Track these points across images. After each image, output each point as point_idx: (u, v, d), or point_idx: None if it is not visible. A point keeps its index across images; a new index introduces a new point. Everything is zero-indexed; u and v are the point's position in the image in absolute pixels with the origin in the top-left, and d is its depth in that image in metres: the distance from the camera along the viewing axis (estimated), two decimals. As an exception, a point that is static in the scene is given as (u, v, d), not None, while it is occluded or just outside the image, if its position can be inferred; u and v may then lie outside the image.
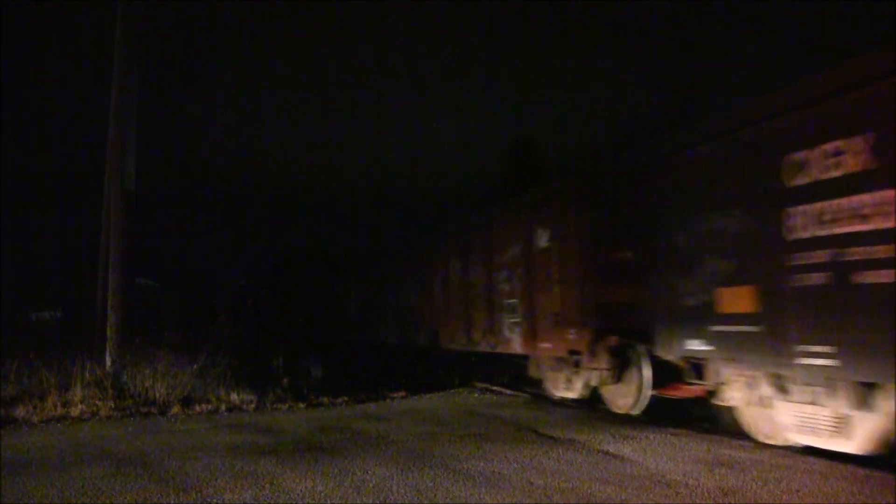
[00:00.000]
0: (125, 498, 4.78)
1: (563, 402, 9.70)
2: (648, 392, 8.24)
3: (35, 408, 8.74)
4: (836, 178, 5.27)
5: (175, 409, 9.08)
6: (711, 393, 6.99)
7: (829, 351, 5.30)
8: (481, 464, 5.61)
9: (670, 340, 7.15)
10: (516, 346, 10.29)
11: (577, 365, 9.13)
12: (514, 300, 10.31)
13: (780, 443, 6.16)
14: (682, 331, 6.93)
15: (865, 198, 5.02)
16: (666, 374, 7.82)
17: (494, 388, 11.58)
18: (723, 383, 6.70)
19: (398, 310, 16.11)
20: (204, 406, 9.31)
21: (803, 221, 5.53)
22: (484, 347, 11.36)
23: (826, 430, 5.64)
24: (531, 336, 9.83)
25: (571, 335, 8.89)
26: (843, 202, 5.18)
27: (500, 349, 10.82)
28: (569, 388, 9.46)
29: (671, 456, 5.82)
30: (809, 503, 4.48)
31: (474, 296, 11.67)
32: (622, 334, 8.39)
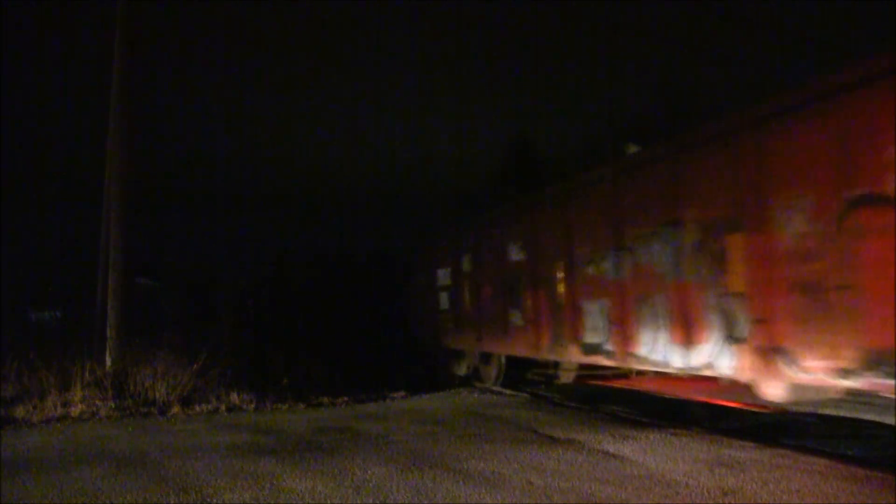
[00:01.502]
0: (125, 498, 4.78)
1: (563, 403, 9.70)
2: None
3: (35, 408, 8.74)
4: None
5: (175, 409, 9.08)
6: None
7: None
8: (481, 464, 5.61)
9: None
10: None
11: None
12: None
13: None
14: None
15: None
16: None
17: (494, 388, 11.57)
18: None
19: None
20: (204, 406, 9.31)
21: None
22: None
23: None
24: None
25: None
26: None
27: None
28: None
29: (671, 456, 5.82)
30: (809, 503, 4.48)
31: None
32: None
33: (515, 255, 10.17)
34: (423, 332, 14.50)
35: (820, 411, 8.25)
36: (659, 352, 7.09)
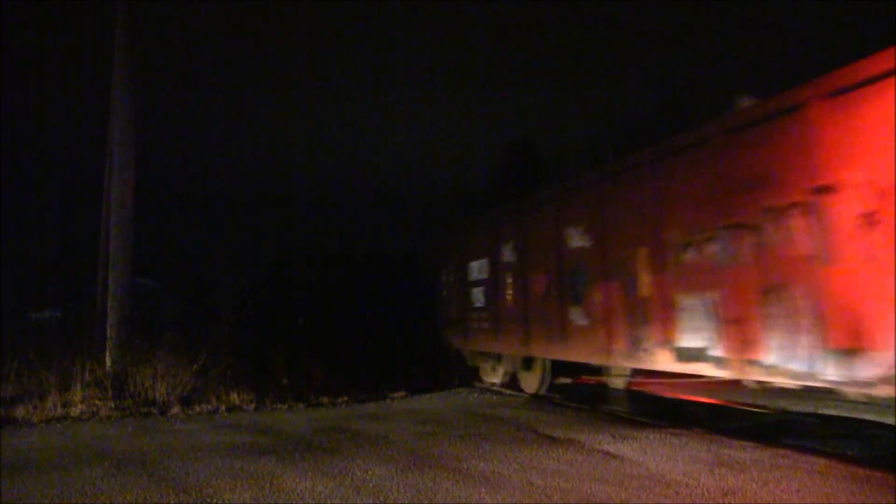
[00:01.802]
0: (125, 498, 4.78)
1: (563, 403, 9.70)
2: None
3: (35, 408, 8.75)
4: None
5: (175, 409, 9.08)
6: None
7: None
8: (481, 464, 5.61)
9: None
10: None
11: None
12: None
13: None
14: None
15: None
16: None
17: (494, 388, 11.57)
18: None
19: None
20: (204, 406, 9.32)
21: None
22: None
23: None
24: None
25: None
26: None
27: None
28: None
29: (671, 456, 5.82)
30: (809, 503, 4.48)
31: None
32: None
33: (577, 240, 8.54)
34: (447, 333, 12.77)
35: (820, 411, 8.25)
36: (800, 360, 5.47)
